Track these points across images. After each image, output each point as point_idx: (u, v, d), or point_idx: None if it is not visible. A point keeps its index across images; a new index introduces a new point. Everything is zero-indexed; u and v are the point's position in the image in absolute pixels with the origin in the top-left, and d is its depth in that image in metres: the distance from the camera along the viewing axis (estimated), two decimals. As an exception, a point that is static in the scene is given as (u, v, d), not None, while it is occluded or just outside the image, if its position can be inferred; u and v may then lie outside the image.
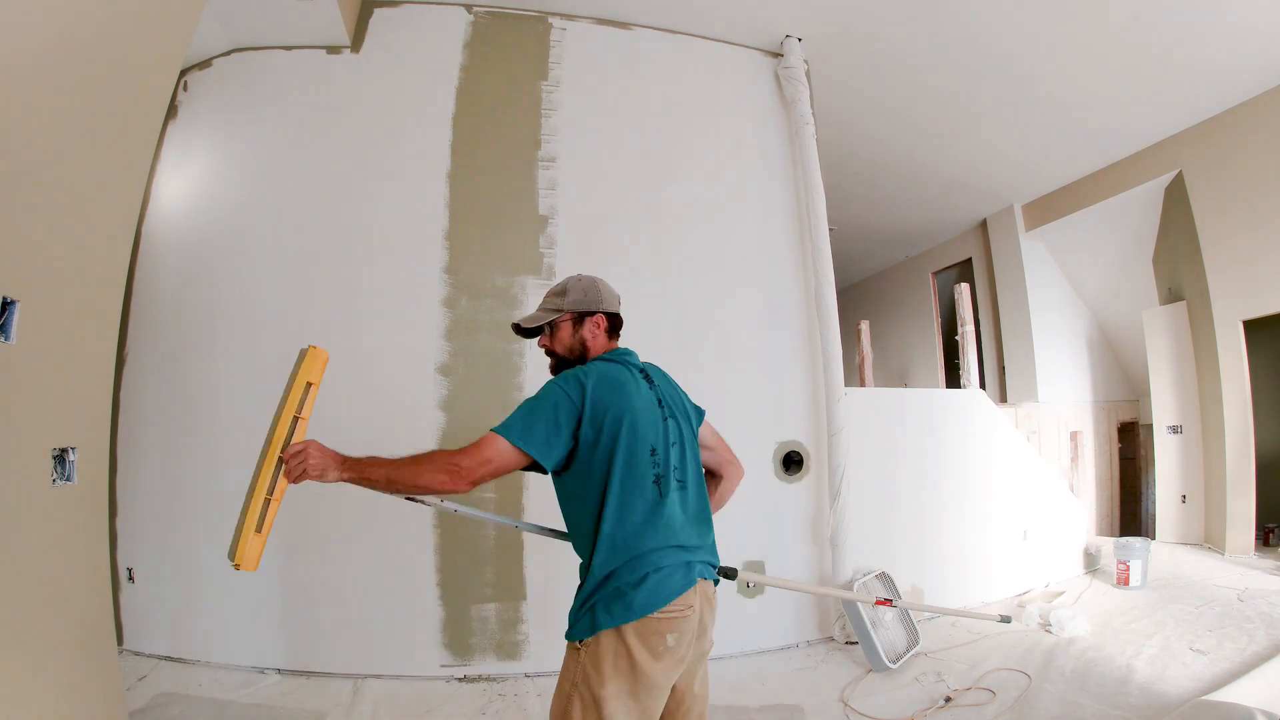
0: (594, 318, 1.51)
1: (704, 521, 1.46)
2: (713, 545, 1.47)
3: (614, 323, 1.55)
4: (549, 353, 1.54)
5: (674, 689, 1.36)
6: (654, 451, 1.37)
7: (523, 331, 1.55)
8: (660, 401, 1.46)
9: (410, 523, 3.00)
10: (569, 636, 1.32)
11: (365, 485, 1.28)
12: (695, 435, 1.54)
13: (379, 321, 3.14)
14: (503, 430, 1.29)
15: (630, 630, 1.26)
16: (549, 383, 1.38)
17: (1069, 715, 2.44)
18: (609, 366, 1.43)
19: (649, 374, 1.52)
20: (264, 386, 3.08)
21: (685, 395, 1.60)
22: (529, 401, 1.35)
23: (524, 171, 3.35)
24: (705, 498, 1.50)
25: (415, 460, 1.27)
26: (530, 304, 3.19)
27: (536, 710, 2.65)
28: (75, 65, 1.61)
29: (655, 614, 1.27)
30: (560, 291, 1.52)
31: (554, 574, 3.06)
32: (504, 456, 1.28)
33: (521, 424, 1.30)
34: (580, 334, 1.51)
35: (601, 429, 1.33)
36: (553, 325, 1.52)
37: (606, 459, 1.32)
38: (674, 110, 3.64)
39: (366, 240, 3.22)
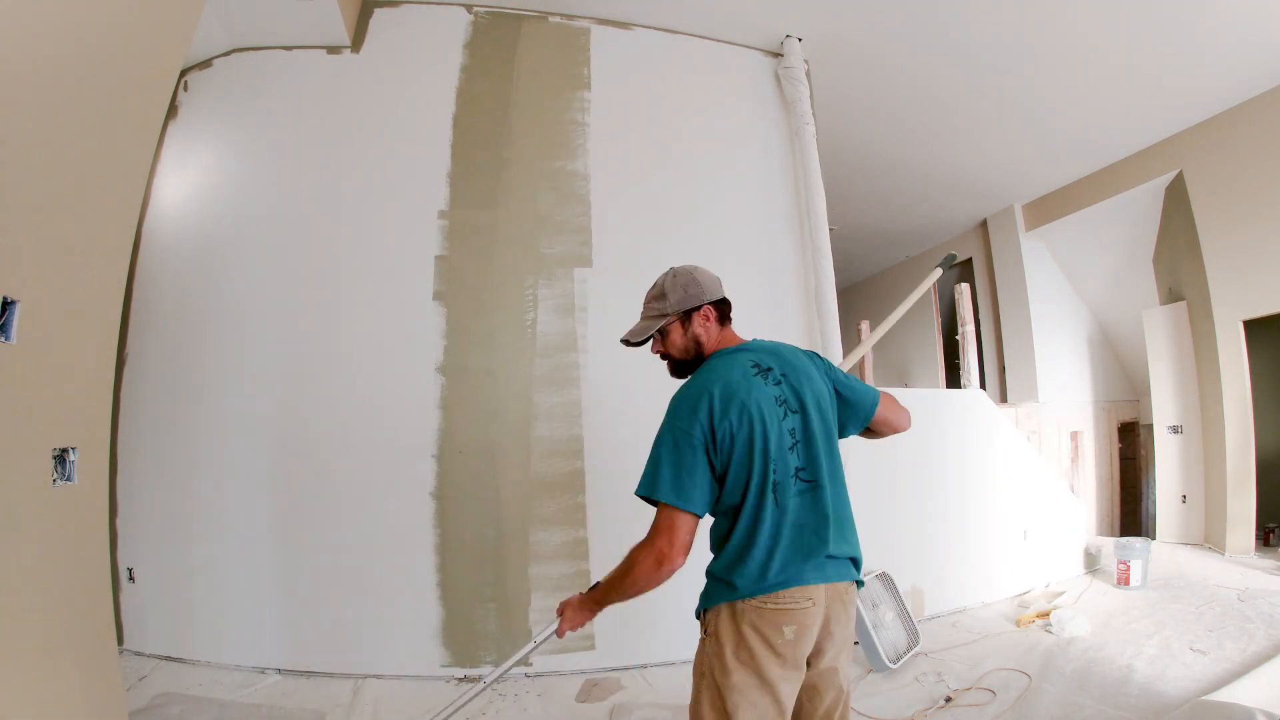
0: (700, 311, 1.45)
1: (842, 522, 1.39)
2: (855, 545, 1.43)
3: (722, 308, 1.49)
4: (664, 356, 1.50)
5: (810, 695, 1.35)
6: (771, 461, 1.30)
7: (633, 344, 1.50)
8: (779, 399, 1.36)
9: (410, 523, 3.01)
10: (697, 615, 1.36)
11: (608, 606, 1.43)
12: (828, 422, 1.42)
13: (379, 321, 3.14)
14: (668, 499, 1.27)
15: (748, 618, 1.26)
16: (669, 426, 1.32)
17: (1069, 715, 2.44)
18: (725, 379, 1.34)
19: (766, 365, 1.40)
20: (264, 385, 3.12)
21: (817, 370, 1.47)
22: (666, 455, 1.30)
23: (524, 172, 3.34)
24: (842, 494, 1.41)
25: (627, 570, 1.32)
26: (530, 304, 3.19)
27: (537, 711, 2.65)
28: (75, 65, 1.61)
29: (773, 603, 1.25)
30: (659, 295, 1.47)
31: (555, 575, 3.07)
32: (684, 521, 1.28)
33: (677, 488, 1.27)
34: (691, 331, 1.46)
35: (730, 460, 1.30)
36: (662, 330, 1.46)
37: (738, 484, 1.30)
38: (674, 110, 3.64)
39: (366, 240, 3.21)
